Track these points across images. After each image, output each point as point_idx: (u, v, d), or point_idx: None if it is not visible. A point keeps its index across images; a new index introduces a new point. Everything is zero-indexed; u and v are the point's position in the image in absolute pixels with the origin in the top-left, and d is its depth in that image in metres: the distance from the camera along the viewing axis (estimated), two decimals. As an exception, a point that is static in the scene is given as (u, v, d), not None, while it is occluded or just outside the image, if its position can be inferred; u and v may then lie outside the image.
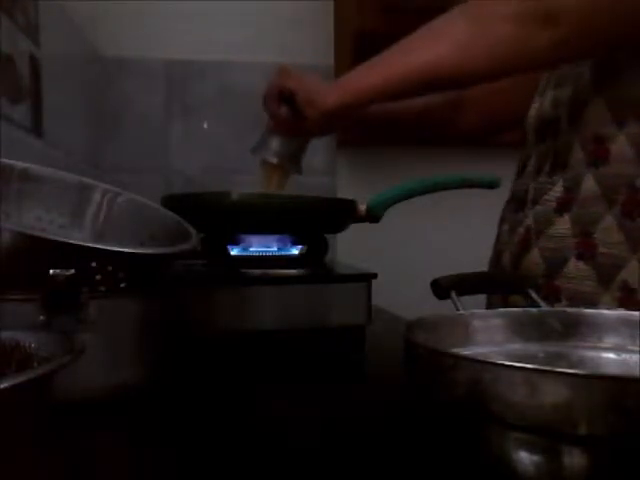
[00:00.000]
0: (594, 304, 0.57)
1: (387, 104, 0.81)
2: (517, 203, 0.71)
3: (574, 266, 0.59)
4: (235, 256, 0.62)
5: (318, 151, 1.24)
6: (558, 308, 0.43)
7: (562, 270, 0.61)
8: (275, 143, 0.71)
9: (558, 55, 0.57)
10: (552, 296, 0.61)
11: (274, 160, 0.71)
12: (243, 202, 0.59)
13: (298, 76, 0.67)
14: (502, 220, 0.76)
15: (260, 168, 0.73)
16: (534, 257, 0.64)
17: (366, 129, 0.84)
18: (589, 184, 0.60)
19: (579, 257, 0.59)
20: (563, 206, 0.62)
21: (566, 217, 0.61)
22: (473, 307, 0.41)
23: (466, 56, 0.57)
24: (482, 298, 0.73)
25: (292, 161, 0.72)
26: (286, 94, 0.67)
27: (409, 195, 0.68)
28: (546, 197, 0.65)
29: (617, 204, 0.57)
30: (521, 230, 0.68)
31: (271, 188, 0.72)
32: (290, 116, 0.68)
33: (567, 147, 0.63)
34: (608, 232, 0.57)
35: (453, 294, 0.42)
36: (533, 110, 0.72)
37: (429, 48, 0.58)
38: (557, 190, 0.63)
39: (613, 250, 0.57)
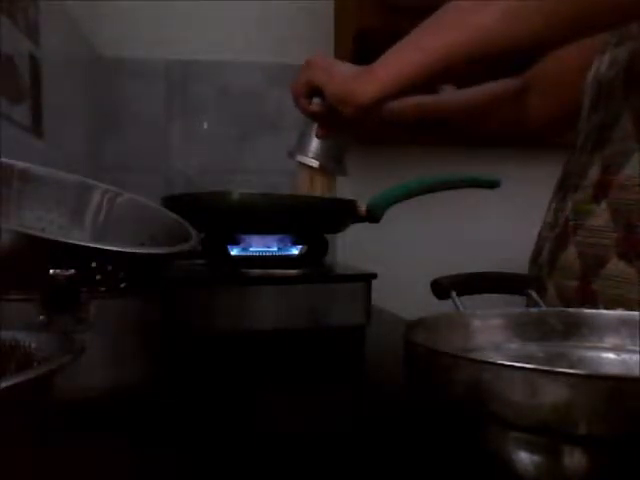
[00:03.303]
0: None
1: (441, 98, 0.70)
2: (563, 189, 0.61)
3: (615, 267, 0.50)
4: (235, 256, 0.62)
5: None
6: (558, 308, 0.43)
7: (600, 271, 0.51)
8: (314, 144, 0.63)
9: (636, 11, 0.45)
10: (588, 302, 0.52)
11: (314, 163, 0.63)
12: (243, 202, 0.59)
13: (327, 69, 0.58)
14: (548, 210, 0.65)
15: (300, 173, 0.65)
16: (570, 255, 0.55)
17: (407, 126, 0.72)
18: (634, 164, 0.49)
19: (621, 256, 0.50)
20: (600, 191, 0.52)
21: (603, 205, 0.51)
22: (473, 307, 0.41)
23: (519, 21, 0.46)
24: (482, 298, 0.73)
25: (334, 162, 0.64)
26: (315, 89, 0.59)
27: (409, 195, 0.68)
28: (584, 182, 0.55)
29: None
30: (561, 222, 0.58)
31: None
32: (324, 110, 0.60)
33: (615, 119, 0.53)
34: None
35: (453, 294, 0.42)
36: (590, 74, 0.61)
37: (470, 20, 0.48)
38: (594, 172, 0.53)
39: None
